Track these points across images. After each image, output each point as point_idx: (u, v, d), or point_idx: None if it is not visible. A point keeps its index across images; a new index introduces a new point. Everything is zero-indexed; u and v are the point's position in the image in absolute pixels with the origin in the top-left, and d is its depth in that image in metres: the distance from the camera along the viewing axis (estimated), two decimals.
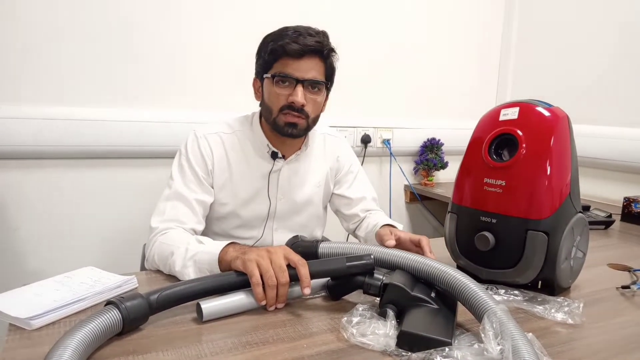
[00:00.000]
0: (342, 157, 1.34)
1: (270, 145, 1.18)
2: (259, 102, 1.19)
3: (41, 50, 1.58)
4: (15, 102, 1.57)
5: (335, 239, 1.03)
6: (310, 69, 1.09)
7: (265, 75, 1.11)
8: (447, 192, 2.13)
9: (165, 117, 1.76)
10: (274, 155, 1.18)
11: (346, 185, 1.34)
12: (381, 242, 1.05)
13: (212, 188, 1.16)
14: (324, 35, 1.11)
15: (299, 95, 1.08)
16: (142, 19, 1.70)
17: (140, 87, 1.74)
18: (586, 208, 1.59)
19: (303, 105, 1.09)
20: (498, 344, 0.60)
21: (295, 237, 0.95)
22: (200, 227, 1.11)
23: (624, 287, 0.94)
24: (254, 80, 1.18)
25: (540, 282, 0.92)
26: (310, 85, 1.10)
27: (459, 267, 0.95)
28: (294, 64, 1.07)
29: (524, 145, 0.87)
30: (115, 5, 1.66)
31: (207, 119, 1.71)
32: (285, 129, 1.12)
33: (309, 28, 1.10)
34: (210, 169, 1.15)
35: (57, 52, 1.60)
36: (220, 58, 1.84)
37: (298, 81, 1.08)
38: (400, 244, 1.03)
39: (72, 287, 0.81)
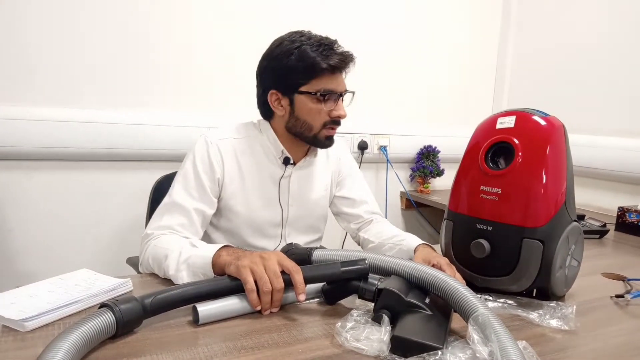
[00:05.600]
0: (342, 158, 1.35)
1: (285, 151, 1.18)
2: (278, 115, 1.15)
3: (42, 52, 1.58)
4: (12, 103, 1.57)
5: (332, 242, 1.03)
6: (343, 80, 1.13)
7: (303, 91, 1.09)
8: (443, 199, 2.13)
9: (163, 121, 1.76)
10: (286, 161, 1.18)
11: (348, 187, 1.34)
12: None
13: (218, 198, 1.14)
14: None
15: (344, 109, 1.13)
16: (144, 23, 1.71)
17: (138, 90, 1.74)
18: (581, 217, 1.60)
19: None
20: (487, 346, 0.61)
21: (290, 244, 0.95)
22: (196, 237, 1.08)
23: (618, 296, 0.94)
24: (272, 93, 1.12)
25: (535, 290, 0.92)
26: (344, 95, 1.14)
27: None
28: (335, 79, 1.10)
29: (520, 153, 0.88)
30: (118, 9, 1.66)
31: (206, 123, 1.72)
32: (326, 142, 1.16)
33: (328, 39, 1.10)
34: (219, 178, 1.13)
35: (59, 55, 1.61)
36: (221, 62, 1.84)
37: (340, 95, 1.12)
38: None
39: (67, 289, 0.81)
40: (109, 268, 0.94)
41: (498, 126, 0.94)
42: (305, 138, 1.15)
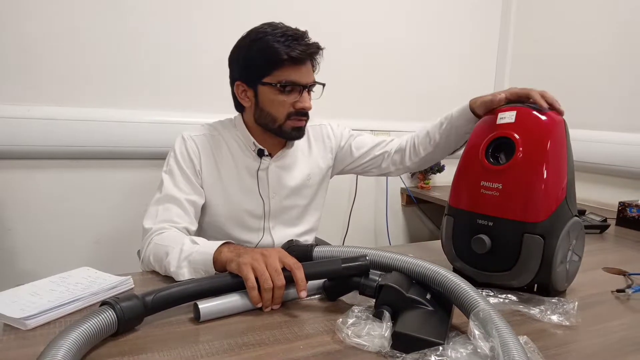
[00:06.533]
0: (332, 137, 1.35)
1: (257, 143, 1.19)
2: (246, 107, 1.17)
3: (39, 51, 1.58)
4: (10, 102, 1.56)
5: (333, 238, 1.03)
6: (309, 72, 1.12)
7: (265, 82, 1.10)
8: (444, 196, 2.13)
9: (159, 118, 1.76)
10: (260, 153, 1.19)
11: (356, 146, 1.35)
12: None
13: (202, 188, 1.17)
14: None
15: (308, 101, 1.13)
16: (134, 21, 1.70)
17: (135, 88, 1.74)
18: (581, 212, 1.59)
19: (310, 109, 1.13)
20: (488, 342, 0.61)
21: (290, 241, 0.95)
22: (193, 227, 1.11)
23: (618, 291, 0.94)
24: (237, 85, 1.15)
25: (536, 285, 0.92)
26: (311, 87, 1.14)
27: (455, 270, 0.95)
28: (298, 71, 1.09)
29: (520, 148, 0.87)
30: (108, 8, 1.65)
31: (200, 120, 1.72)
32: (293, 133, 1.16)
33: (296, 30, 1.10)
34: (199, 169, 1.16)
35: (58, 53, 1.60)
36: (211, 59, 1.81)
37: (304, 87, 1.11)
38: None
39: (68, 287, 0.81)
40: (110, 266, 0.94)
41: (499, 121, 0.94)
42: (271, 130, 1.15)
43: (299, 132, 1.16)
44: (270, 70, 1.08)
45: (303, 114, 1.14)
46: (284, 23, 1.12)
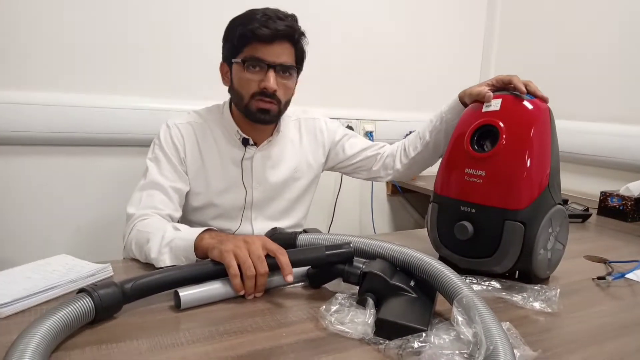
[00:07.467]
0: (324, 132, 1.33)
1: (241, 132, 1.17)
2: (227, 88, 1.18)
3: (9, 33, 1.53)
4: None
5: (318, 227, 1.02)
6: (281, 53, 1.08)
7: (234, 60, 1.09)
8: (428, 185, 2.13)
9: (142, 105, 1.72)
10: (244, 142, 1.17)
11: (349, 145, 1.34)
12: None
13: (187, 176, 1.16)
14: (293, 18, 1.10)
15: (272, 80, 1.07)
16: (116, 4, 1.66)
17: (118, 74, 1.70)
18: (564, 202, 1.61)
19: (275, 91, 1.08)
20: (471, 328, 0.61)
21: (274, 229, 0.94)
22: (177, 214, 1.11)
23: (599, 278, 0.95)
24: (221, 64, 1.16)
25: (517, 272, 0.93)
26: (282, 70, 1.09)
27: (441, 257, 0.96)
28: (264, 48, 1.06)
29: (504, 136, 0.87)
30: None
31: (186, 107, 1.69)
32: (258, 115, 1.11)
33: (277, 11, 1.08)
34: (183, 157, 1.15)
35: (27, 35, 1.55)
36: (197, 46, 1.79)
37: (269, 66, 1.07)
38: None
39: (44, 275, 0.79)
40: (91, 254, 0.92)
41: (484, 109, 0.95)
42: (242, 111, 1.14)
43: (264, 115, 1.11)
44: (241, 48, 1.08)
45: (268, 95, 1.08)
46: (271, 8, 1.10)
